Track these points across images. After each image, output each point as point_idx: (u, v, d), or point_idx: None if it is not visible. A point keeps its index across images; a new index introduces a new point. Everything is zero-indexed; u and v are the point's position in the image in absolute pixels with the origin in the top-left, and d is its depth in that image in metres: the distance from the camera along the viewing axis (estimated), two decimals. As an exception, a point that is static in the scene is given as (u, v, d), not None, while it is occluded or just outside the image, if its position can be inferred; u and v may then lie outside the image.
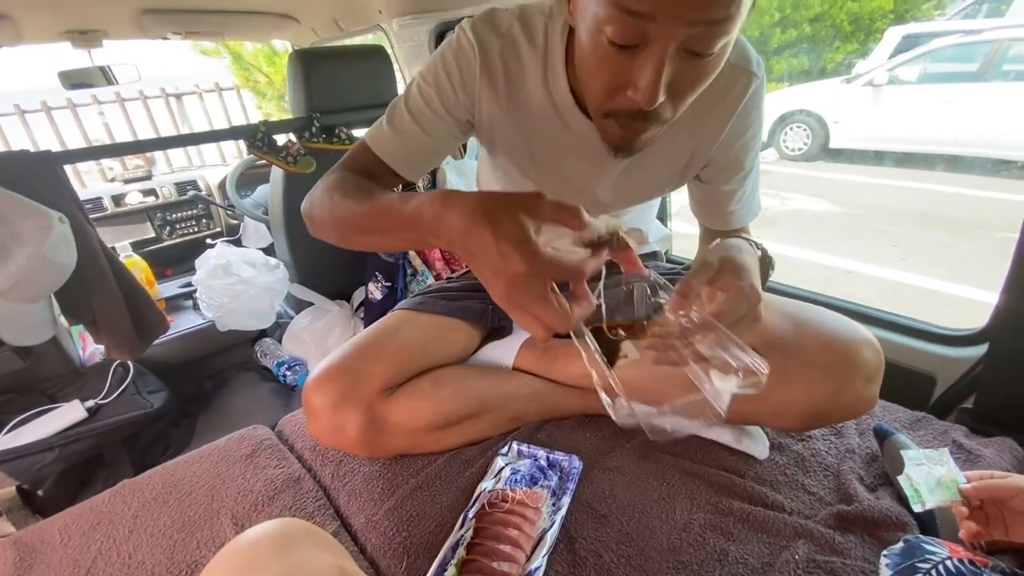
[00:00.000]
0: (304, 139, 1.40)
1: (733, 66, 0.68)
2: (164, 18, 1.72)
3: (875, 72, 4.83)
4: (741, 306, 0.54)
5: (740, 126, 0.72)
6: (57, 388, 1.27)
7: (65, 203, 1.06)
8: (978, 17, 6.06)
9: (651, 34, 0.47)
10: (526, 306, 0.42)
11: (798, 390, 0.66)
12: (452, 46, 0.70)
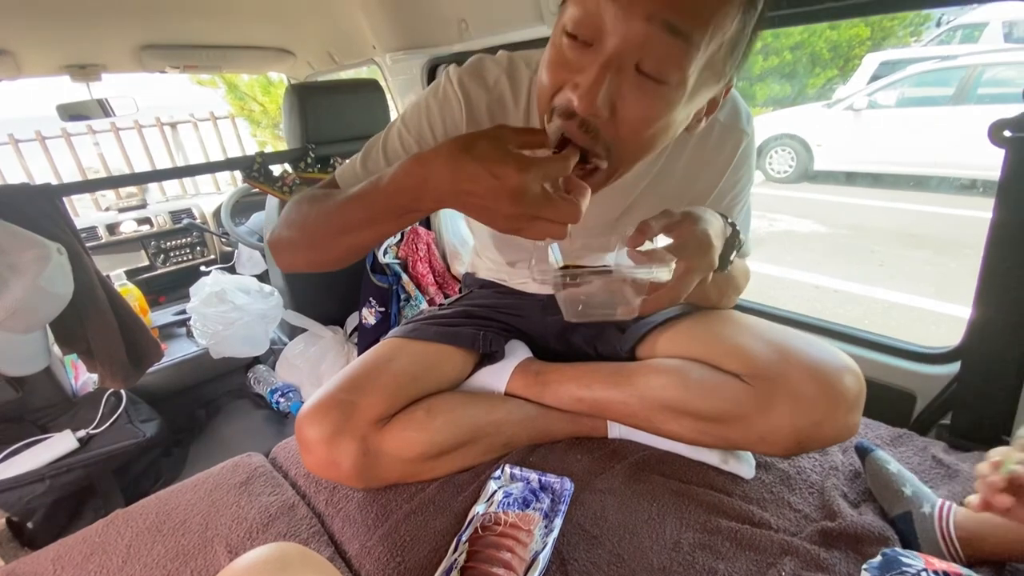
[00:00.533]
0: (299, 169, 1.43)
1: (724, 125, 0.72)
2: (163, 53, 1.78)
3: (855, 97, 5.01)
4: (691, 244, 0.56)
5: (731, 180, 0.76)
6: (49, 418, 1.27)
7: (64, 234, 1.08)
8: (952, 43, 6.31)
9: (610, 23, 0.46)
10: (536, 210, 0.44)
11: (783, 419, 0.68)
12: (437, 96, 0.70)
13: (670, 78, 0.48)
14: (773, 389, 0.68)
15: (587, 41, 0.48)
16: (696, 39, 0.46)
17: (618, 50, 0.47)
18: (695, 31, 0.46)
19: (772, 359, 0.70)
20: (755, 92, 8.03)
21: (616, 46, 0.46)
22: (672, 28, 0.45)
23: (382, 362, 0.83)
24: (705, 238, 0.58)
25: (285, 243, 0.69)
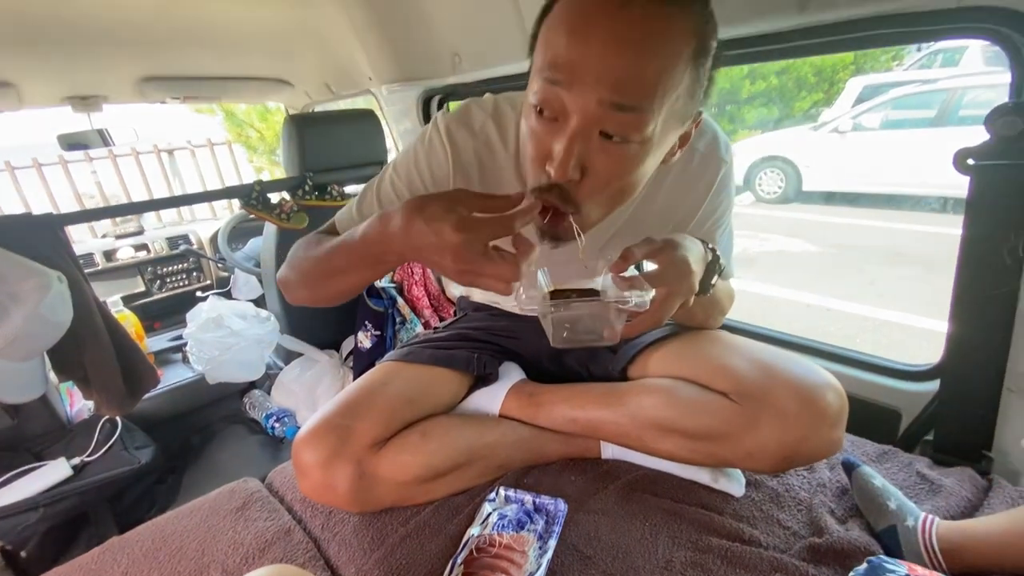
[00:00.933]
0: (297, 197, 1.46)
1: (704, 154, 0.76)
2: (163, 84, 1.82)
3: (840, 120, 5.14)
4: (671, 272, 0.59)
5: (712, 206, 0.80)
6: (43, 446, 1.27)
7: (64, 262, 1.10)
8: (933, 67, 6.50)
9: (569, 105, 0.52)
10: (476, 268, 0.49)
11: (769, 435, 0.69)
12: (425, 145, 0.75)
13: (632, 139, 0.53)
14: (759, 406, 0.70)
15: (554, 117, 0.54)
16: (647, 106, 0.51)
17: (580, 126, 0.52)
18: (644, 102, 0.51)
19: (757, 377, 0.72)
20: (744, 115, 8.23)
21: (578, 123, 0.52)
22: (622, 107, 0.51)
23: (377, 386, 0.85)
24: (685, 265, 0.60)
25: (289, 282, 0.77)
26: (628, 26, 0.49)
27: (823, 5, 0.72)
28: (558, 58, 0.51)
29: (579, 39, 0.50)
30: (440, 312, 1.66)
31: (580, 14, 0.50)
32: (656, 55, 0.50)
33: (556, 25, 0.52)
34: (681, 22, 0.50)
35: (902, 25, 0.69)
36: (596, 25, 0.49)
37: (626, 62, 0.49)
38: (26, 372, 1.08)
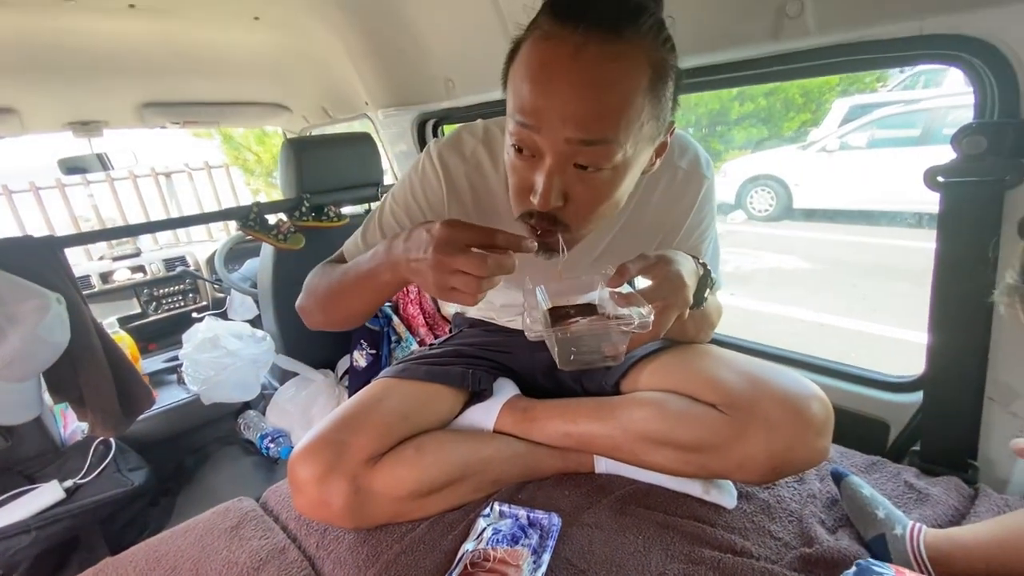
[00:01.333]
0: (295, 218, 1.49)
1: (687, 172, 0.80)
2: (163, 109, 1.86)
3: (827, 139, 5.26)
4: (665, 287, 0.61)
5: (696, 219, 0.83)
6: (36, 468, 1.26)
7: (63, 284, 1.12)
8: (916, 88, 6.66)
9: (541, 145, 0.57)
10: (450, 261, 0.52)
11: (757, 445, 0.71)
12: (419, 173, 0.80)
13: (604, 167, 0.58)
14: (747, 417, 0.72)
15: (531, 154, 0.59)
16: (612, 138, 0.55)
17: (554, 162, 0.57)
18: (608, 135, 0.55)
19: (745, 389, 0.74)
20: (734, 135, 8.39)
21: (552, 160, 0.57)
22: (588, 142, 0.55)
23: (373, 401, 0.86)
24: (679, 279, 0.62)
25: (306, 309, 0.84)
26: (583, 71, 0.53)
27: (796, 33, 0.76)
28: (526, 105, 0.56)
29: (541, 88, 0.55)
30: (435, 330, 1.67)
31: (540, 64, 0.55)
32: (613, 93, 0.54)
33: (521, 74, 0.57)
34: (633, 57, 0.54)
35: (870, 52, 0.73)
36: (555, 73, 0.54)
37: (586, 104, 0.54)
38: (22, 393, 1.08)
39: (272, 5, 1.35)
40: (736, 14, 0.81)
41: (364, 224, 0.85)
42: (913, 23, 0.67)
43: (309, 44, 1.59)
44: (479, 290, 0.54)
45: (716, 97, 8.28)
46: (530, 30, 0.57)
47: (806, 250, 4.62)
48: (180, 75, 1.74)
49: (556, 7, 0.54)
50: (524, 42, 0.58)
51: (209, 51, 1.62)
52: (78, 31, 1.36)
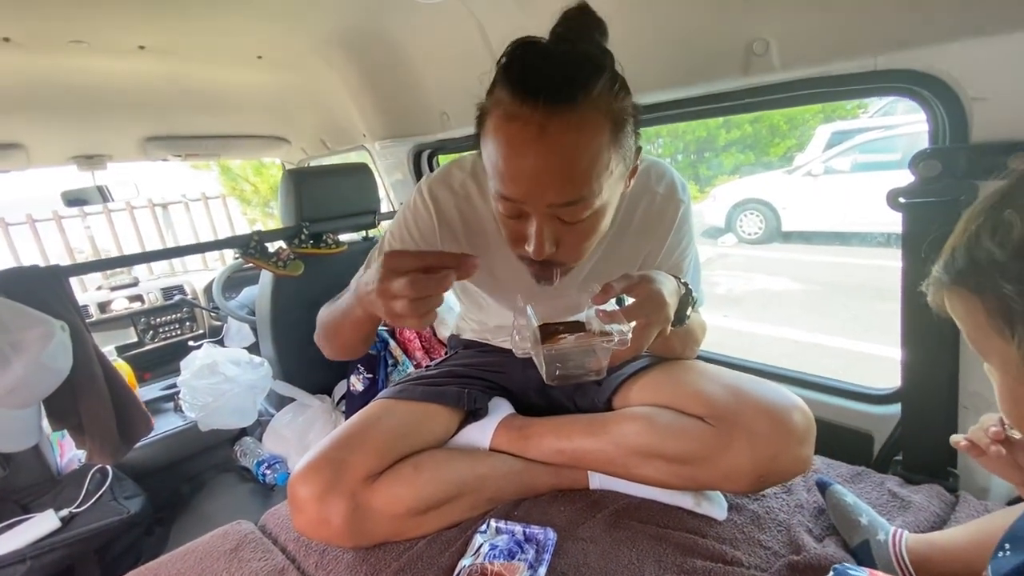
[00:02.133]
0: (294, 245, 1.53)
1: (664, 196, 0.85)
2: (166, 143, 1.92)
3: (812, 164, 5.41)
4: (647, 305, 0.64)
5: (675, 240, 0.88)
6: (32, 498, 1.26)
7: (67, 312, 1.14)
8: (896, 114, 6.89)
9: (526, 210, 0.63)
10: (390, 288, 0.56)
11: (742, 455, 0.74)
12: (411, 209, 0.87)
13: (586, 216, 0.64)
14: (732, 428, 0.75)
15: (518, 214, 0.65)
16: (587, 193, 0.61)
17: (540, 221, 0.63)
18: (584, 192, 0.61)
19: (729, 401, 0.77)
20: (722, 161, 8.60)
21: (538, 220, 0.63)
22: (566, 203, 0.61)
23: (371, 421, 0.88)
24: (660, 297, 0.66)
25: (317, 342, 0.91)
26: (552, 147, 0.58)
27: (763, 69, 0.82)
28: (506, 185, 0.62)
29: (517, 170, 0.60)
30: (431, 353, 1.69)
31: (511, 148, 0.60)
32: (581, 158, 0.59)
33: (494, 154, 0.62)
34: (593, 120, 0.59)
35: (830, 86, 0.79)
36: (527, 155, 0.59)
37: (560, 175, 0.59)
38: (23, 420, 1.09)
39: (275, 44, 1.43)
40: (708, 52, 0.88)
41: (368, 259, 0.92)
42: (867, 59, 0.73)
43: (309, 80, 1.66)
44: (418, 312, 0.57)
45: (703, 125, 8.51)
46: (493, 105, 0.62)
47: (796, 271, 4.70)
48: (183, 110, 1.80)
49: (514, 87, 0.58)
50: (489, 116, 0.63)
51: (213, 88, 1.69)
52: (87, 70, 1.42)
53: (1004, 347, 0.39)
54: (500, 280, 0.91)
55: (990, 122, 0.69)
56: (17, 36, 1.15)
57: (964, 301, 0.42)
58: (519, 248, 0.69)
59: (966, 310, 0.43)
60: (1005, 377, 0.42)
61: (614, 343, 0.62)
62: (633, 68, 0.93)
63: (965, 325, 0.44)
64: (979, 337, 0.42)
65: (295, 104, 1.88)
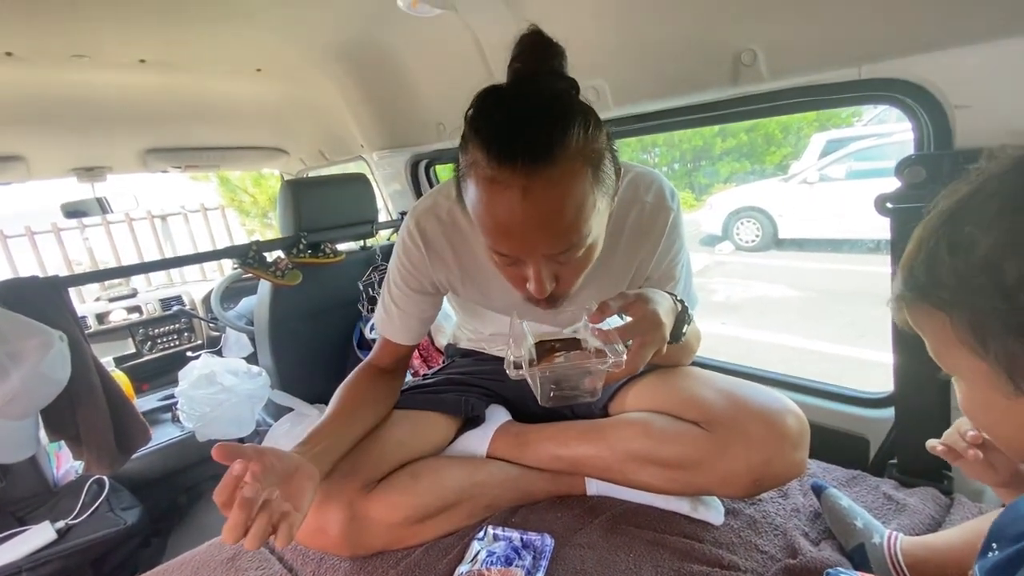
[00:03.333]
0: (292, 255, 1.54)
1: (653, 205, 0.85)
2: (166, 155, 1.94)
3: (807, 172, 5.45)
4: (643, 324, 0.64)
5: (666, 247, 0.88)
6: (28, 510, 1.25)
7: (66, 322, 1.15)
8: (889, 121, 6.96)
9: (521, 261, 0.65)
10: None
11: (738, 459, 0.75)
12: (402, 247, 0.90)
13: (579, 255, 0.65)
14: (727, 432, 0.76)
15: (517, 263, 0.66)
16: (578, 240, 0.63)
17: (538, 266, 0.65)
18: (574, 239, 0.62)
19: (724, 406, 0.78)
20: (718, 169, 8.67)
21: (534, 266, 0.65)
22: (557, 252, 0.63)
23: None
24: (655, 317, 0.66)
25: None
26: (537, 206, 0.58)
27: (751, 79, 0.84)
28: (500, 242, 0.64)
29: (505, 234, 0.62)
30: (429, 362, 1.70)
31: (496, 213, 0.60)
32: (566, 210, 0.60)
33: (482, 215, 0.62)
34: (572, 170, 0.59)
35: (817, 94, 0.81)
36: (513, 218, 0.59)
37: (548, 230, 0.61)
38: (21, 431, 1.09)
39: (274, 57, 1.45)
40: (697, 62, 0.90)
41: (379, 300, 0.97)
42: (852, 69, 0.75)
43: (308, 92, 1.68)
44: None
45: (699, 134, 8.59)
46: (471, 163, 0.61)
47: (793, 278, 4.71)
48: (183, 123, 1.82)
49: (488, 150, 0.58)
50: (468, 171, 0.62)
51: (212, 100, 1.71)
52: (88, 84, 1.44)
53: (974, 361, 0.39)
54: (493, 299, 0.93)
55: (973, 129, 0.71)
56: (20, 51, 1.17)
57: (930, 317, 0.42)
58: (522, 289, 0.70)
59: (932, 327, 0.42)
60: (974, 388, 0.42)
61: (609, 364, 0.62)
62: (623, 79, 0.96)
63: (931, 340, 0.44)
64: (946, 352, 0.42)
65: (293, 116, 1.90)
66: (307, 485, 0.67)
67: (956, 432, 0.58)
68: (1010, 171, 0.39)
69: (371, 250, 1.75)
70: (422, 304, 0.93)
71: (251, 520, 0.58)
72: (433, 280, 0.91)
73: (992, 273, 0.36)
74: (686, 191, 8.76)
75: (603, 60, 0.98)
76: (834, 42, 0.76)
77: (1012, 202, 0.37)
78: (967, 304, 0.38)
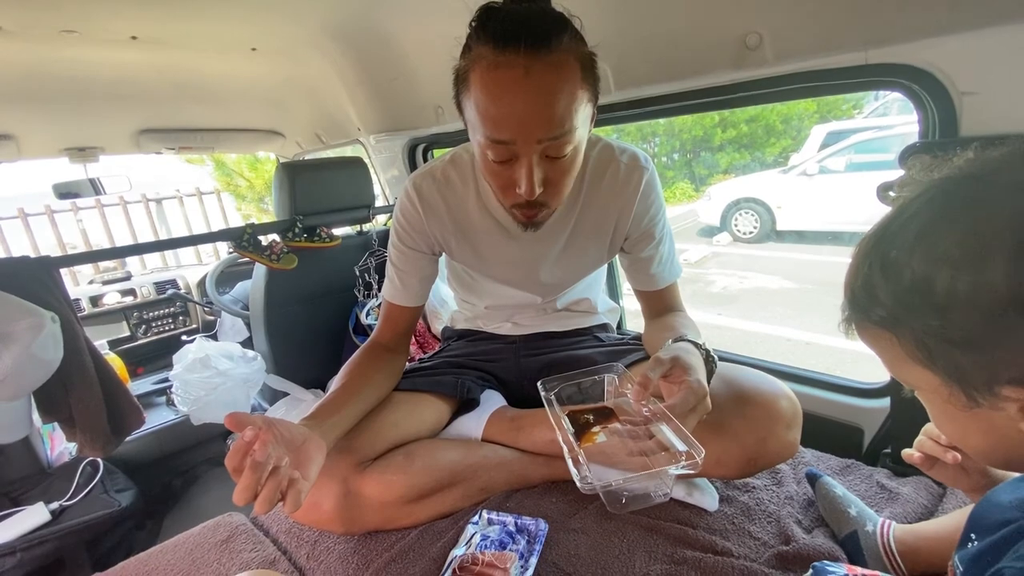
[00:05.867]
0: (287, 238, 1.52)
1: (628, 166, 0.89)
2: (159, 136, 1.91)
3: (807, 164, 5.43)
4: (691, 399, 0.63)
5: (643, 206, 0.91)
6: (22, 491, 1.25)
7: (58, 303, 1.13)
8: (890, 114, 6.93)
9: (517, 152, 0.69)
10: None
11: (733, 441, 0.76)
12: (401, 206, 0.94)
13: (568, 152, 0.70)
14: (722, 414, 0.76)
15: (509, 159, 0.70)
16: (571, 126, 0.68)
17: (530, 160, 0.69)
18: (567, 124, 0.67)
19: (722, 390, 0.79)
20: (717, 160, 8.64)
21: (528, 159, 0.69)
22: (555, 136, 0.67)
23: None
24: (701, 388, 0.64)
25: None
26: (538, 85, 0.64)
27: (756, 63, 0.83)
28: (500, 127, 0.67)
29: (509, 110, 0.66)
30: (425, 348, 1.69)
31: (501, 90, 0.65)
32: (562, 93, 0.66)
33: (484, 101, 0.67)
34: (567, 61, 0.65)
35: (821, 79, 0.79)
36: (516, 94, 0.65)
37: (547, 109, 0.66)
38: (13, 412, 1.09)
39: (269, 37, 1.42)
40: (701, 46, 0.89)
41: (387, 268, 0.99)
42: (859, 54, 0.74)
43: (304, 73, 1.65)
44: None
45: (699, 124, 8.55)
46: (475, 61, 0.67)
47: (791, 270, 4.72)
48: (177, 103, 1.79)
49: (495, 37, 0.64)
50: (471, 72, 0.68)
51: (206, 80, 1.67)
52: (79, 61, 1.41)
53: (927, 375, 0.40)
54: (483, 254, 0.95)
55: (979, 116, 0.70)
56: (8, 24, 1.14)
57: (877, 338, 0.43)
58: (512, 196, 0.74)
59: (881, 346, 0.43)
60: (935, 399, 0.42)
61: (681, 466, 0.59)
62: (626, 62, 0.94)
63: (883, 358, 0.44)
64: (900, 368, 0.43)
65: (289, 97, 1.87)
66: (316, 455, 0.68)
67: (927, 437, 0.58)
68: (935, 188, 0.39)
69: (367, 235, 1.74)
70: (419, 262, 0.96)
71: (261, 484, 0.58)
72: (429, 238, 0.94)
73: (922, 293, 0.37)
74: (685, 181, 8.74)
75: (604, 43, 0.96)
76: (841, 25, 0.74)
77: (930, 224, 0.38)
78: (907, 323, 0.39)
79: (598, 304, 1.10)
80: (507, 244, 0.93)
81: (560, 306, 1.06)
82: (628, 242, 0.95)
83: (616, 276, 1.49)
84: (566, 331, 1.07)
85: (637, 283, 0.99)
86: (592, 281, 1.07)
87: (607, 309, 1.13)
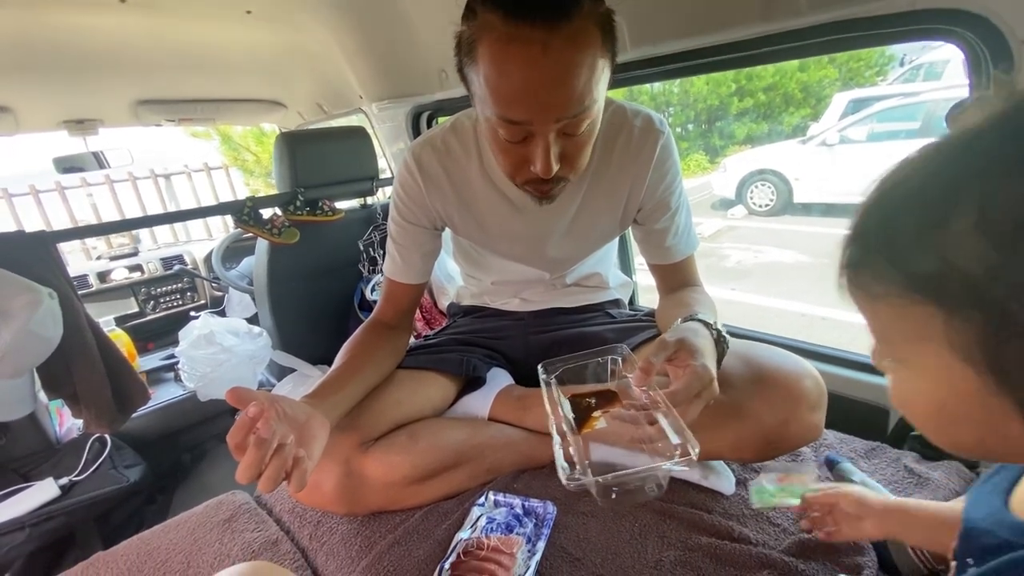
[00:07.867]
0: (289, 212, 1.48)
1: (642, 129, 0.82)
2: (159, 107, 1.86)
3: (827, 133, 5.23)
4: (695, 384, 0.59)
5: (658, 174, 0.84)
6: (31, 466, 1.25)
7: (56, 279, 1.11)
8: (916, 81, 6.64)
9: (532, 131, 0.63)
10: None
11: (752, 423, 0.72)
12: (400, 178, 0.89)
13: (584, 128, 0.65)
14: (741, 395, 0.72)
15: (522, 138, 0.65)
16: (590, 102, 0.62)
17: (547, 138, 0.63)
18: (587, 101, 0.62)
19: (740, 369, 0.74)
20: (733, 130, 8.39)
21: (544, 138, 0.63)
22: (572, 115, 0.62)
23: None
24: (706, 373, 0.60)
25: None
26: (556, 64, 0.58)
27: (787, 13, 0.75)
28: (514, 107, 0.61)
29: (524, 90, 0.60)
30: (432, 324, 1.66)
31: (515, 68, 0.59)
32: (582, 69, 0.59)
33: (496, 80, 0.60)
34: (585, 30, 0.59)
35: (861, 29, 0.71)
36: (533, 75, 0.58)
37: (566, 89, 0.60)
38: (16, 389, 1.08)
39: (263, -2, 1.34)
40: (727, -6, 0.81)
41: (387, 243, 0.95)
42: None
43: (302, 39, 1.58)
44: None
45: (715, 93, 8.29)
46: (481, 28, 0.60)
47: (807, 244, 4.61)
48: (174, 72, 1.73)
49: (507, 9, 0.57)
50: (479, 42, 0.60)
51: (202, 47, 1.61)
52: (69, 28, 1.35)
53: (956, 366, 0.29)
54: (487, 228, 0.90)
55: (1041, 68, 0.62)
56: (-12, -13, 1.09)
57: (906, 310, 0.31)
58: (525, 173, 0.69)
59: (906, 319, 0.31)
60: (938, 389, 0.32)
61: (675, 462, 0.55)
62: (642, 15, 0.87)
63: (887, 328, 0.34)
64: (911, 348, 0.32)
65: (290, 66, 1.80)
66: (319, 433, 0.65)
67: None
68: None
69: (371, 208, 1.69)
70: (421, 237, 0.92)
71: (265, 462, 0.55)
72: (430, 212, 0.89)
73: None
74: (699, 153, 8.52)
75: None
76: (885, -34, 0.66)
77: None
78: (995, 301, 0.26)
79: (609, 279, 1.05)
80: (512, 217, 0.87)
81: (570, 281, 1.01)
82: (642, 213, 0.89)
83: (629, 249, 1.43)
84: (576, 307, 1.02)
85: (651, 256, 0.93)
86: (603, 255, 1.02)
87: (619, 284, 1.08)
